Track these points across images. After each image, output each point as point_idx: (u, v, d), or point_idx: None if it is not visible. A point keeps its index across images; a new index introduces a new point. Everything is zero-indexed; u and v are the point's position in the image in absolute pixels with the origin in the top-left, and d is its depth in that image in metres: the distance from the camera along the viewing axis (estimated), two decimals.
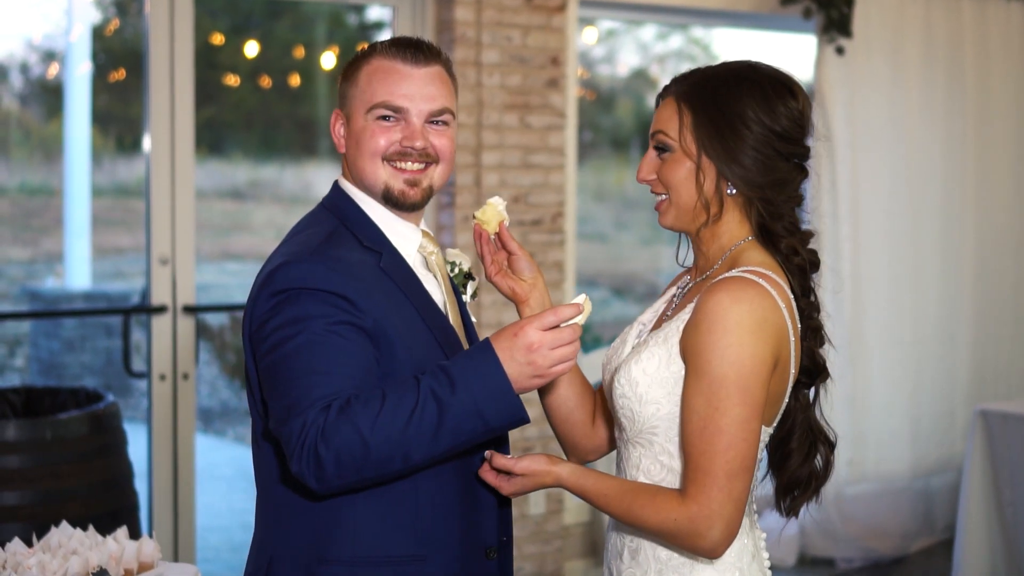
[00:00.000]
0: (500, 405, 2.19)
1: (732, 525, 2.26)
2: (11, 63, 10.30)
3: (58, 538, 3.16)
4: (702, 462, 2.25)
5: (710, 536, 2.25)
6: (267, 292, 2.28)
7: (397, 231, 2.47)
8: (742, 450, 2.25)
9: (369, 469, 2.18)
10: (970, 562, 5.43)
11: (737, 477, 2.25)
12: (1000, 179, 7.14)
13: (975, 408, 5.53)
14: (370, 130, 2.43)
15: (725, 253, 2.43)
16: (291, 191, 12.12)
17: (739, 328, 2.25)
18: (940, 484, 6.96)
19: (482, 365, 2.19)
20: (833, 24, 6.40)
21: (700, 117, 2.38)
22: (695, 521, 2.25)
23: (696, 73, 2.45)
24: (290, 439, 2.19)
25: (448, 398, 2.17)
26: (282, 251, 2.37)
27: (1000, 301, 7.19)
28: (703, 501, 2.24)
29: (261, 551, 2.43)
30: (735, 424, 2.24)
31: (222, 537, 7.36)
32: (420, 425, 2.16)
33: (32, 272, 10.86)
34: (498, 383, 2.19)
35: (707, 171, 2.39)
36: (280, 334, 2.25)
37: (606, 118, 10.92)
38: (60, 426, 4.41)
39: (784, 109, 2.39)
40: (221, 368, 10.81)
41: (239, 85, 10.91)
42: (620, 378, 2.39)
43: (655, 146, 2.45)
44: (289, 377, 2.22)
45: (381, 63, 2.45)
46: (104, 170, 10.75)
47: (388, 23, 6.10)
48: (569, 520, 6.23)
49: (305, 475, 2.18)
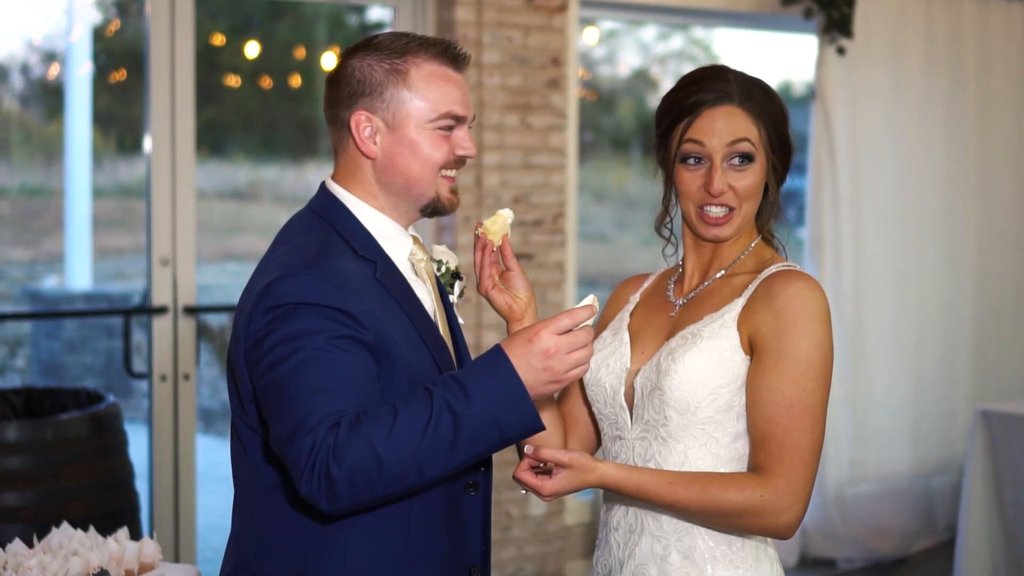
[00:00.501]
0: (517, 414, 2.14)
1: (807, 503, 2.34)
2: (11, 64, 10.29)
3: (59, 539, 3.16)
4: (789, 439, 2.31)
5: (793, 511, 2.31)
6: (262, 308, 2.20)
7: (389, 238, 2.39)
8: (822, 431, 2.35)
9: (383, 487, 2.12)
10: (971, 562, 5.43)
11: (817, 457, 2.34)
12: (1001, 179, 7.14)
13: (976, 408, 5.53)
14: (434, 141, 2.34)
15: (740, 253, 2.51)
16: (292, 192, 12.11)
17: (820, 315, 2.34)
18: (941, 484, 6.96)
19: (497, 374, 2.14)
20: (834, 24, 6.40)
21: (771, 130, 2.46)
22: (782, 496, 2.30)
23: (747, 80, 2.48)
24: (298, 460, 2.11)
25: (463, 410, 2.12)
26: (274, 262, 2.29)
27: (1001, 301, 7.19)
28: (791, 477, 2.30)
29: (241, 568, 2.37)
30: (819, 405, 2.33)
31: (223, 538, 7.32)
32: (435, 439, 2.11)
33: (33, 273, 10.86)
34: (514, 391, 2.14)
35: (771, 181, 2.50)
36: (279, 351, 2.17)
37: (607, 118, 10.90)
38: (61, 427, 4.41)
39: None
40: (222, 369, 10.80)
41: (240, 86, 10.91)
42: (677, 369, 2.38)
43: (739, 158, 2.44)
44: (292, 395, 2.14)
45: (433, 68, 2.34)
46: (105, 171, 10.74)
47: (389, 24, 6.10)
48: (570, 520, 6.23)
49: (316, 497, 2.11)
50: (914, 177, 6.78)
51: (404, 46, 2.34)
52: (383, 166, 2.35)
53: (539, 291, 5.91)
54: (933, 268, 6.90)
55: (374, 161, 2.36)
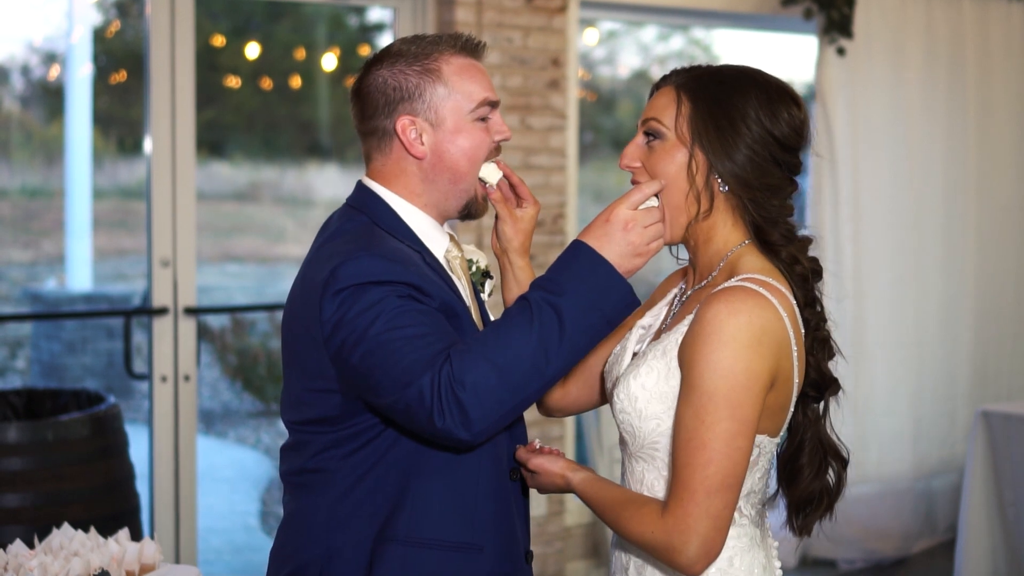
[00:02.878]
0: (613, 294, 2.21)
1: (710, 543, 2.21)
2: (12, 65, 10.30)
3: (60, 540, 3.16)
4: (683, 475, 2.21)
5: (686, 552, 2.20)
6: (330, 293, 2.24)
7: (427, 234, 2.45)
8: (725, 466, 2.20)
9: (510, 395, 2.16)
10: (972, 563, 5.43)
11: (717, 494, 2.20)
12: (1002, 179, 7.14)
13: (977, 409, 5.53)
14: (475, 133, 2.43)
15: (722, 258, 2.38)
16: (292, 192, 12.13)
17: (734, 342, 2.20)
18: (942, 485, 6.96)
19: (581, 260, 2.22)
20: (834, 25, 6.40)
21: (700, 108, 2.34)
22: (671, 535, 2.20)
23: (699, 68, 2.42)
24: (422, 399, 2.15)
25: (560, 300, 2.18)
26: (327, 252, 2.33)
27: (1002, 301, 7.19)
28: (680, 515, 2.20)
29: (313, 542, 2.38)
30: (719, 439, 2.19)
31: (223, 539, 7.36)
32: (543, 334, 2.17)
33: (33, 274, 10.87)
34: (604, 271, 2.21)
35: (699, 163, 2.34)
36: (360, 323, 2.21)
37: (607, 119, 10.92)
38: (61, 428, 4.41)
39: (786, 115, 2.36)
40: (222, 370, 10.81)
41: (240, 87, 10.92)
42: (619, 393, 2.35)
43: (645, 132, 2.40)
44: (391, 351, 2.18)
45: (460, 61, 2.43)
46: (105, 172, 10.75)
47: (389, 25, 6.11)
48: (571, 521, 6.23)
49: (452, 427, 2.15)
50: (914, 177, 6.78)
51: (428, 46, 2.42)
52: (431, 164, 2.42)
53: None
54: (933, 268, 6.90)
55: (421, 161, 2.42)
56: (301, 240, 12.29)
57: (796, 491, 2.45)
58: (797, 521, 2.47)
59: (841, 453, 2.48)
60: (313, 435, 2.38)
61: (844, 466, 2.48)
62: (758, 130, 2.34)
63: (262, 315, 10.63)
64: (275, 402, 10.43)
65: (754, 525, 2.39)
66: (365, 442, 2.33)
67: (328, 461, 2.36)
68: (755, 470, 2.35)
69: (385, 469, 2.33)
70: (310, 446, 2.39)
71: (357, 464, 2.34)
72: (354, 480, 2.34)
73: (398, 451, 2.33)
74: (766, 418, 2.30)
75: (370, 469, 2.34)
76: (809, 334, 2.37)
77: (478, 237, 5.66)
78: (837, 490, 2.47)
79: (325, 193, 11.93)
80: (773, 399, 2.29)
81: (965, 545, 5.44)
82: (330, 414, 2.34)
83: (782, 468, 2.47)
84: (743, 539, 2.36)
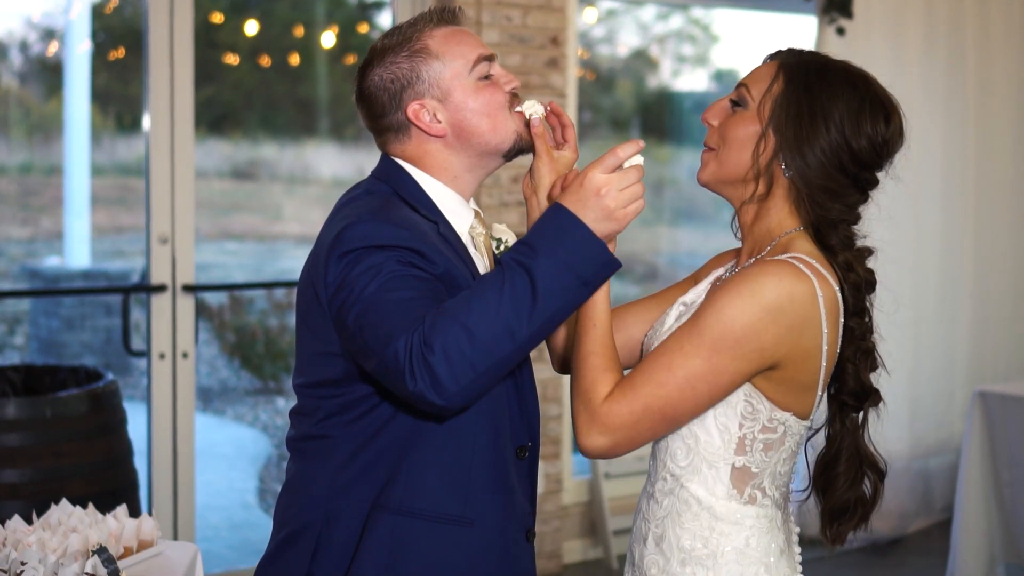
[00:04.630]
0: (586, 253, 2.18)
1: (616, 448, 2.22)
2: (11, 41, 10.28)
3: (58, 516, 3.17)
4: (637, 381, 2.20)
5: (591, 439, 2.21)
6: (336, 255, 2.26)
7: (451, 209, 2.46)
8: (674, 398, 2.19)
9: (480, 359, 2.13)
10: (968, 542, 5.45)
11: (651, 416, 2.20)
12: (1000, 160, 7.14)
13: (974, 389, 5.54)
14: (484, 91, 2.44)
15: (774, 239, 2.35)
16: (290, 170, 12.11)
17: (752, 297, 2.18)
18: (938, 465, 6.97)
19: (556, 221, 2.19)
20: (834, 5, 6.39)
21: (789, 92, 2.32)
22: (595, 418, 2.21)
23: (813, 54, 2.39)
24: (396, 361, 2.14)
25: (531, 261, 2.16)
26: (339, 217, 2.36)
27: (999, 282, 7.19)
28: (614, 410, 2.20)
29: (313, 506, 2.40)
30: (683, 370, 2.19)
31: (221, 516, 7.38)
32: (514, 296, 2.14)
33: (32, 251, 10.86)
34: (577, 232, 2.18)
35: (767, 144, 2.32)
36: (360, 283, 2.22)
37: (606, 98, 10.89)
38: (60, 404, 4.42)
39: (870, 130, 2.33)
40: (220, 347, 10.82)
41: (239, 64, 10.90)
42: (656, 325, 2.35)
43: (732, 98, 2.39)
44: (381, 311, 2.19)
45: (441, 31, 2.45)
46: (104, 149, 10.73)
47: (388, 2, 6.09)
48: (568, 500, 6.24)
49: (423, 391, 2.13)
50: (912, 158, 6.76)
51: (408, 31, 2.45)
52: (455, 136, 2.44)
53: None
54: (931, 249, 6.91)
55: (444, 138, 2.44)
56: (299, 218, 12.28)
57: (831, 499, 2.44)
58: (831, 530, 2.46)
59: (879, 465, 2.46)
60: (320, 400, 2.40)
61: (881, 478, 2.46)
62: (836, 135, 2.31)
63: (260, 293, 10.63)
64: (273, 380, 10.44)
65: (776, 507, 2.39)
66: (368, 409, 2.35)
67: (332, 428, 2.38)
68: (781, 450, 2.34)
69: (385, 438, 2.35)
70: (316, 412, 2.41)
71: (359, 432, 2.36)
72: (356, 447, 2.36)
73: (398, 421, 2.34)
74: (787, 394, 2.28)
75: (371, 437, 2.35)
76: (853, 343, 2.36)
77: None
78: (873, 501, 2.45)
79: (324, 171, 11.91)
80: (793, 374, 2.27)
81: (961, 525, 5.46)
82: (333, 376, 2.36)
83: (818, 475, 2.45)
84: (762, 520, 2.35)
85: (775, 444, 2.32)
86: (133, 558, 3.09)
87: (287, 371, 10.38)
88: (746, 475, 2.32)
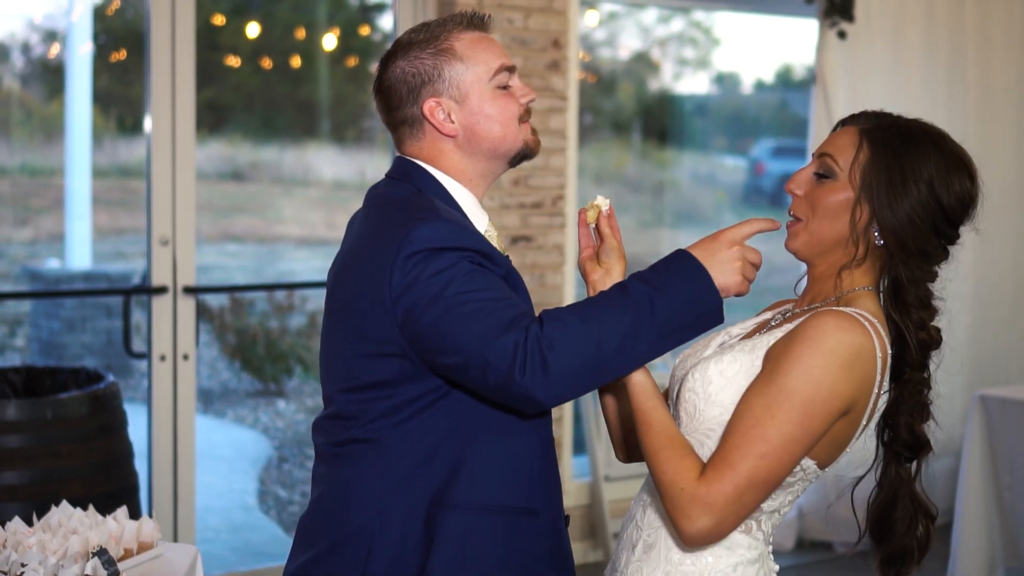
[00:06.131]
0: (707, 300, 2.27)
1: (722, 528, 2.23)
2: (12, 43, 10.29)
3: (58, 518, 3.17)
4: (732, 456, 2.21)
5: (697, 524, 2.21)
6: (403, 257, 2.27)
7: (470, 210, 2.49)
8: (774, 466, 2.22)
9: (593, 365, 2.21)
10: (968, 546, 5.44)
11: (755, 489, 2.22)
12: (1001, 163, 7.14)
13: (974, 393, 5.54)
14: (500, 99, 2.47)
15: (840, 294, 2.39)
16: (292, 172, 12.12)
17: (832, 355, 2.22)
18: (939, 468, 6.96)
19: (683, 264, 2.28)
20: (835, 8, 6.39)
21: (877, 158, 2.35)
22: (695, 501, 2.20)
23: (888, 116, 2.42)
24: (505, 356, 2.19)
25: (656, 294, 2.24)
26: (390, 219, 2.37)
27: (1000, 285, 7.19)
28: (715, 490, 2.20)
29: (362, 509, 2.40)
30: (781, 438, 2.21)
31: (222, 518, 7.37)
32: (637, 316, 2.21)
33: (33, 252, 10.87)
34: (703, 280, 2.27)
35: (863, 211, 2.36)
36: (435, 284, 2.25)
37: (607, 101, 10.89)
38: (60, 406, 4.42)
39: (958, 187, 2.37)
40: (221, 349, 10.82)
41: (240, 66, 10.91)
42: (695, 373, 2.35)
43: (817, 170, 2.41)
44: (468, 312, 2.23)
45: (470, 35, 2.48)
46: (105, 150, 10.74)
47: (389, 4, 6.09)
48: (568, 503, 6.24)
49: (530, 385, 2.19)
50: None
51: (437, 29, 2.48)
52: (466, 138, 2.47)
53: (538, 273, 5.93)
54: None
55: (455, 138, 2.47)
56: (300, 220, 12.29)
57: (889, 545, 2.47)
58: (890, 574, 2.49)
59: (931, 511, 2.50)
60: (366, 403, 2.40)
61: (932, 521, 2.50)
62: (927, 194, 2.35)
63: (261, 295, 10.63)
64: (274, 382, 10.44)
65: (766, 543, 2.41)
66: (421, 408, 2.36)
67: (380, 431, 2.39)
68: (789, 492, 2.36)
69: (441, 436, 2.37)
70: (362, 416, 2.41)
71: (411, 431, 2.37)
72: (407, 447, 2.37)
73: (456, 418, 2.36)
74: (825, 446, 2.31)
75: (426, 436, 2.36)
76: (912, 396, 2.45)
77: None
78: (926, 544, 2.49)
79: (324, 173, 11.92)
80: (840, 429, 2.30)
81: (961, 528, 5.46)
82: (385, 378, 2.36)
83: (874, 523, 2.49)
84: (753, 552, 2.37)
85: (788, 486, 2.35)
86: (133, 560, 3.09)
87: (288, 373, 10.39)
88: None
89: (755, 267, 2.33)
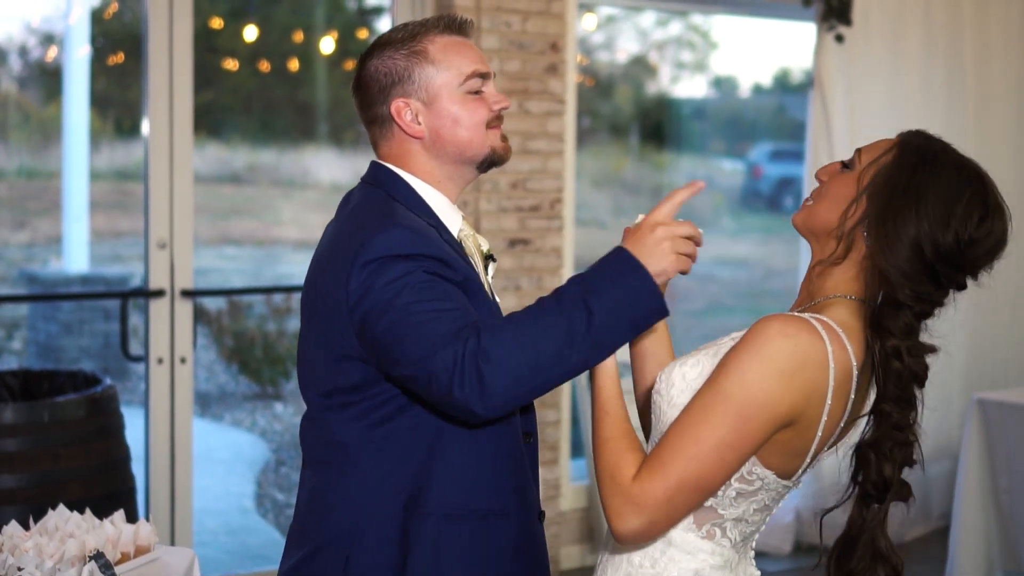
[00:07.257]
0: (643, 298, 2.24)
1: (653, 528, 2.20)
2: (10, 46, 10.29)
3: (55, 521, 3.16)
4: (666, 456, 2.18)
5: (628, 523, 2.19)
6: (360, 263, 2.29)
7: (443, 213, 2.51)
8: (706, 469, 2.17)
9: (529, 376, 2.20)
10: (966, 550, 5.44)
11: (685, 491, 2.18)
12: (999, 166, 7.14)
13: (972, 397, 5.54)
14: (470, 104, 2.48)
15: (820, 298, 2.34)
16: (289, 175, 12.12)
17: (771, 361, 2.16)
18: (936, 472, 6.97)
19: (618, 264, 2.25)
20: (833, 12, 6.40)
21: (894, 166, 2.31)
22: (627, 499, 2.19)
23: (938, 140, 2.36)
24: (443, 371, 2.19)
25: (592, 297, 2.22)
26: (351, 226, 2.39)
27: (997, 290, 7.18)
28: (646, 489, 2.18)
29: (337, 518, 2.42)
30: (712, 441, 2.17)
31: (219, 521, 7.37)
32: (572, 324, 2.20)
33: (30, 255, 10.87)
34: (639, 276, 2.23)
35: (858, 208, 2.31)
36: (387, 293, 2.26)
37: (605, 104, 10.90)
38: (58, 409, 4.41)
39: (958, 224, 2.27)
40: (219, 352, 10.82)
41: (238, 69, 10.91)
42: (662, 375, 2.34)
43: (844, 161, 2.41)
44: (415, 322, 2.23)
45: (446, 40, 2.50)
46: (102, 153, 10.74)
47: (387, 8, 6.10)
48: (566, 506, 6.24)
49: (468, 399, 2.19)
50: None
51: (413, 31, 2.50)
52: (432, 141, 2.49)
53: (536, 277, 5.93)
54: None
55: (422, 140, 2.50)
56: (298, 223, 12.28)
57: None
58: None
59: (893, 561, 2.39)
60: (337, 409, 2.41)
61: (896, 573, 2.40)
62: (923, 220, 2.26)
63: (259, 298, 10.63)
64: (271, 385, 10.44)
65: (734, 550, 2.36)
66: (389, 414, 2.37)
67: (351, 436, 2.40)
68: (752, 500, 2.32)
69: (409, 442, 2.38)
70: (334, 421, 2.42)
71: (381, 438, 2.38)
72: (378, 454, 2.38)
73: (422, 424, 2.37)
74: (776, 454, 2.27)
75: (394, 442, 2.38)
76: (884, 431, 2.29)
77: (476, 222, 5.66)
78: None
79: (322, 176, 11.92)
80: (790, 437, 2.25)
81: (959, 532, 5.46)
82: (351, 383, 2.37)
83: (831, 558, 2.42)
84: (717, 558, 2.33)
85: (748, 495, 2.31)
86: (130, 563, 3.09)
87: (285, 376, 10.38)
88: (710, 514, 2.31)
89: (688, 239, 2.28)
